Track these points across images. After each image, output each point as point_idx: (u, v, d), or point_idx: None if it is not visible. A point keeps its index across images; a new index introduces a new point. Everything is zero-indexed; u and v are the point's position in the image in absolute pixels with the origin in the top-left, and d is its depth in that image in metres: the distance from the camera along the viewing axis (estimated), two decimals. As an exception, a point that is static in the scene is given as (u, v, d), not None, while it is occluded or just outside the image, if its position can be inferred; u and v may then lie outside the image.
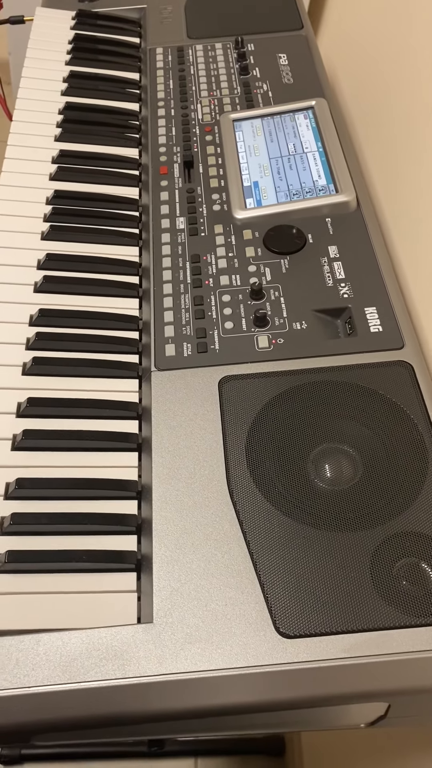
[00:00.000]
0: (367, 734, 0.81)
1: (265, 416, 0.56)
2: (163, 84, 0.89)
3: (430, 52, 0.71)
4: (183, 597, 0.47)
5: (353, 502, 0.51)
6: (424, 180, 0.70)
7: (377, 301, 0.63)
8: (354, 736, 0.87)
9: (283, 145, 0.78)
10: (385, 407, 0.56)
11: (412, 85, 0.75)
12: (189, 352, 0.61)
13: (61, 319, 0.64)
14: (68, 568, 0.49)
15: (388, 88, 0.82)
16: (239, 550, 0.49)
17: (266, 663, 0.44)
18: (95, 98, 0.87)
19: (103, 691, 0.44)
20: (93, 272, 0.68)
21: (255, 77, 0.87)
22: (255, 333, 0.62)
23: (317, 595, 0.46)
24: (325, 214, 0.70)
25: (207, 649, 0.44)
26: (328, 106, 0.80)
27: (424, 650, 0.44)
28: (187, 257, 0.68)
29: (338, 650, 0.44)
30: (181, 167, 0.78)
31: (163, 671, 0.44)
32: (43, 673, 0.44)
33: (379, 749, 0.78)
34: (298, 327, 0.62)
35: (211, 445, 0.54)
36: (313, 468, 0.53)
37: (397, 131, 0.78)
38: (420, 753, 0.69)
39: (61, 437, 0.56)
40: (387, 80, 0.82)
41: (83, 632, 0.45)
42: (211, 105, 0.85)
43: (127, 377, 0.61)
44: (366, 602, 0.46)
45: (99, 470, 0.55)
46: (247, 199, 0.72)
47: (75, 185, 0.77)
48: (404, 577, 0.47)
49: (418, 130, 0.72)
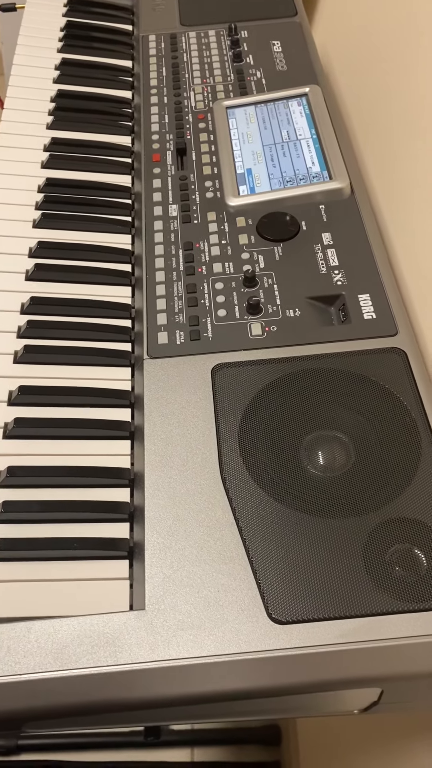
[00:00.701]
0: (362, 724, 0.82)
1: (258, 404, 0.56)
2: (156, 71, 0.88)
3: (427, 39, 0.70)
4: (175, 584, 0.47)
5: (346, 489, 0.51)
6: (419, 167, 0.70)
7: (371, 288, 0.62)
8: (349, 725, 0.87)
9: (276, 132, 0.77)
10: (378, 394, 0.55)
11: (407, 73, 0.74)
12: (182, 340, 0.60)
13: (52, 307, 0.63)
14: (60, 555, 0.49)
15: (383, 76, 0.81)
16: (232, 537, 0.49)
17: (259, 649, 0.44)
18: (87, 86, 0.87)
19: (95, 677, 0.44)
20: (85, 260, 0.68)
21: (248, 64, 0.87)
22: (248, 320, 0.61)
23: (310, 582, 0.46)
24: (319, 201, 0.70)
25: (199, 636, 0.44)
26: (322, 93, 0.80)
27: (417, 635, 0.44)
28: (179, 245, 0.68)
29: (331, 636, 0.44)
30: (174, 155, 0.77)
31: (155, 658, 0.44)
32: (34, 660, 0.44)
33: (373, 740, 0.79)
34: (291, 314, 0.61)
35: (204, 433, 0.54)
36: (305, 455, 0.53)
37: (392, 119, 0.77)
38: (412, 740, 0.69)
39: (52, 425, 0.56)
40: (382, 67, 0.82)
41: (75, 619, 0.45)
42: (204, 92, 0.84)
43: (119, 365, 0.60)
44: (359, 588, 0.46)
45: (91, 458, 0.55)
46: (241, 186, 0.72)
47: (67, 173, 0.76)
48: (397, 562, 0.47)
49: (413, 117, 0.72)
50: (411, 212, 0.71)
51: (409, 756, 0.70)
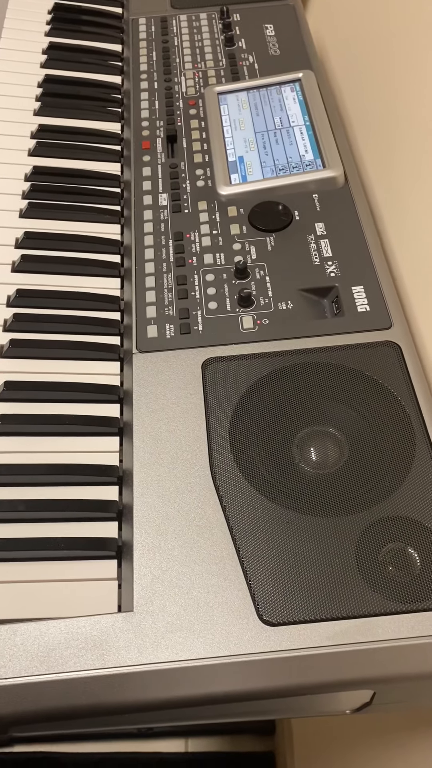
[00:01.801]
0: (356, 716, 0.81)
1: (250, 399, 0.54)
2: (146, 56, 0.86)
3: (422, 24, 0.68)
4: (164, 584, 0.46)
5: (339, 487, 0.50)
6: (415, 156, 0.68)
7: (365, 280, 0.61)
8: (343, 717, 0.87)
9: (269, 118, 0.75)
10: (372, 389, 0.54)
11: (403, 58, 0.72)
12: (171, 334, 0.59)
13: (39, 300, 0.62)
14: (46, 556, 0.48)
15: (378, 61, 0.79)
16: (222, 537, 0.48)
17: (249, 651, 0.43)
18: (76, 71, 0.84)
19: (83, 681, 0.43)
20: (73, 251, 0.66)
21: (240, 49, 0.85)
22: (239, 313, 0.60)
23: (301, 582, 0.45)
24: (312, 190, 0.68)
25: (188, 638, 0.43)
26: (316, 79, 0.78)
27: (411, 637, 0.43)
28: (170, 235, 0.66)
29: (322, 638, 0.43)
30: (164, 142, 0.75)
31: (143, 661, 0.43)
32: (20, 663, 0.43)
33: (368, 728, 0.79)
34: (283, 307, 0.60)
35: (194, 429, 0.53)
36: (298, 452, 0.52)
37: (388, 106, 0.75)
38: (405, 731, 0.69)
39: (39, 422, 0.55)
40: (378, 52, 0.80)
41: (62, 621, 0.44)
42: (195, 77, 0.82)
43: (108, 360, 0.59)
44: (351, 588, 0.45)
45: (79, 455, 0.53)
46: (232, 174, 0.70)
47: (54, 161, 0.74)
48: (390, 562, 0.46)
49: (409, 104, 0.70)
50: (406, 202, 0.70)
51: (402, 749, 0.70)
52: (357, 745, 0.82)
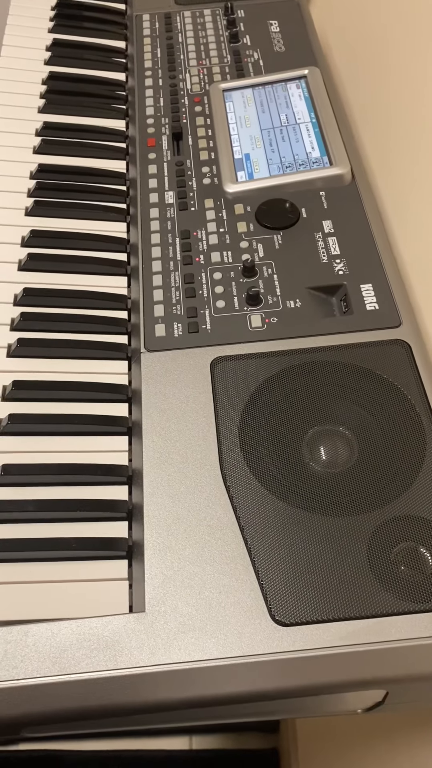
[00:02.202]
0: (361, 712, 0.81)
1: (259, 398, 0.54)
2: (151, 53, 0.85)
3: (426, 20, 0.68)
4: (176, 585, 0.46)
5: (349, 486, 0.49)
6: (420, 152, 0.68)
7: (373, 278, 0.61)
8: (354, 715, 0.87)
9: (275, 115, 0.75)
10: (381, 388, 0.54)
11: (408, 55, 0.72)
12: (179, 333, 0.59)
13: (46, 299, 0.62)
14: (57, 556, 0.48)
15: (383, 57, 0.79)
16: (233, 536, 0.47)
17: (262, 652, 0.43)
18: (80, 68, 0.84)
19: (95, 682, 0.42)
20: (79, 249, 0.66)
21: (245, 45, 0.84)
22: (248, 312, 0.60)
23: (313, 582, 0.45)
24: (319, 188, 0.68)
25: (201, 639, 0.43)
26: (322, 76, 0.78)
27: (423, 636, 0.43)
28: (176, 233, 0.66)
29: (335, 638, 0.43)
30: (170, 139, 0.75)
31: (155, 662, 0.43)
32: (32, 664, 0.43)
33: (373, 725, 0.79)
34: (292, 305, 0.60)
35: (203, 428, 0.53)
36: (308, 451, 0.51)
37: (393, 102, 0.75)
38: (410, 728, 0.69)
39: (48, 421, 0.54)
40: (382, 49, 0.80)
41: (73, 622, 0.44)
42: (200, 74, 0.82)
43: (115, 359, 0.59)
44: (363, 588, 0.45)
45: (88, 455, 0.53)
46: (239, 172, 0.70)
47: (60, 158, 0.74)
48: (402, 562, 0.46)
49: (413, 100, 0.70)
50: (413, 199, 0.70)
51: (407, 747, 0.70)
52: (361, 743, 0.82)
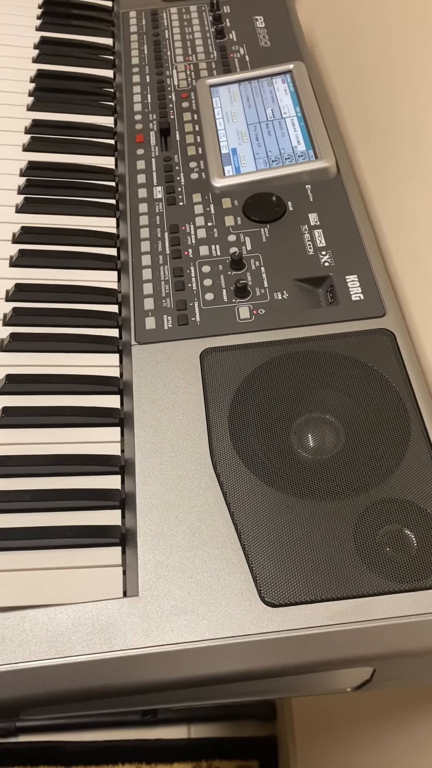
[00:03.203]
0: (356, 697, 0.83)
1: (248, 388, 0.55)
2: (138, 49, 0.86)
3: (412, 12, 0.69)
4: (168, 570, 0.47)
5: (336, 471, 0.51)
6: (406, 145, 0.69)
7: (358, 269, 0.62)
8: (344, 699, 0.88)
9: (261, 110, 0.76)
10: (367, 376, 0.55)
11: (394, 48, 0.73)
12: (169, 325, 0.60)
13: (38, 294, 0.63)
14: (53, 544, 0.49)
15: (369, 52, 0.80)
16: (223, 522, 0.49)
17: (252, 632, 0.44)
18: (68, 65, 0.85)
19: (91, 664, 0.44)
20: (70, 245, 0.67)
21: (231, 41, 0.85)
22: (236, 304, 0.61)
23: (302, 564, 0.46)
24: (305, 181, 0.69)
25: (193, 621, 0.45)
26: (307, 70, 0.79)
27: (408, 615, 0.44)
28: (165, 227, 0.67)
29: (323, 618, 0.44)
30: (158, 135, 0.76)
31: (149, 643, 0.44)
32: (29, 648, 0.44)
33: (368, 712, 0.80)
34: (279, 297, 0.61)
35: (194, 418, 0.54)
36: (296, 438, 0.53)
37: (379, 96, 0.76)
38: (406, 711, 0.70)
39: (41, 414, 0.56)
40: (368, 43, 0.81)
41: (69, 607, 0.45)
42: (187, 70, 0.83)
43: (107, 352, 0.60)
44: (350, 569, 0.46)
45: (81, 446, 0.54)
46: (226, 166, 0.71)
47: (49, 156, 0.75)
48: (388, 543, 0.47)
49: (400, 94, 0.71)
50: (398, 191, 0.71)
51: (402, 727, 0.72)
52: (357, 728, 0.84)
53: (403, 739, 0.72)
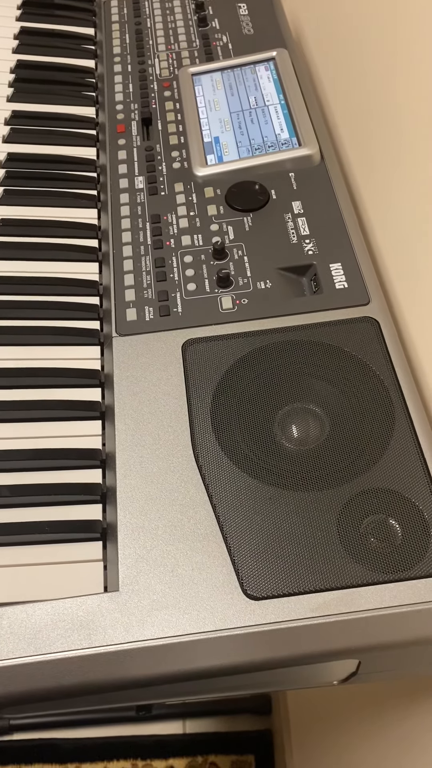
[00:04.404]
0: (351, 690, 0.82)
1: (230, 379, 0.55)
2: (119, 38, 0.85)
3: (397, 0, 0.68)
4: (149, 564, 0.46)
5: (320, 461, 0.50)
6: (392, 132, 0.68)
7: (342, 257, 0.61)
8: (338, 692, 0.88)
9: (244, 98, 0.75)
10: (351, 365, 0.55)
11: (378, 35, 0.72)
12: (151, 316, 0.59)
13: (17, 287, 0.62)
14: (31, 540, 0.48)
15: (354, 38, 0.79)
16: (205, 515, 0.48)
17: (234, 626, 0.43)
18: (49, 55, 0.84)
19: (70, 661, 0.43)
20: (50, 237, 0.66)
21: (214, 29, 0.84)
22: (218, 294, 0.60)
23: (285, 556, 0.46)
24: (289, 169, 0.68)
25: (174, 615, 0.44)
26: (290, 58, 0.78)
27: (392, 606, 0.44)
28: (147, 218, 0.66)
29: (306, 610, 0.44)
30: (139, 125, 0.75)
31: (130, 639, 0.43)
32: (8, 646, 0.43)
33: (361, 703, 0.80)
34: (262, 286, 0.60)
35: (176, 410, 0.53)
36: (279, 429, 0.52)
37: (364, 83, 0.75)
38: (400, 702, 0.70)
39: (21, 408, 0.55)
40: (354, 31, 0.80)
41: (48, 603, 0.45)
42: (169, 59, 0.82)
43: (88, 344, 0.59)
44: (334, 561, 0.45)
45: (61, 440, 0.54)
46: (208, 155, 0.70)
47: (29, 147, 0.74)
48: (372, 533, 0.46)
49: (384, 81, 0.70)
50: (384, 178, 0.70)
51: (397, 718, 0.71)
52: (352, 721, 0.84)
53: (395, 730, 0.71)
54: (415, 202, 0.61)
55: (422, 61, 0.62)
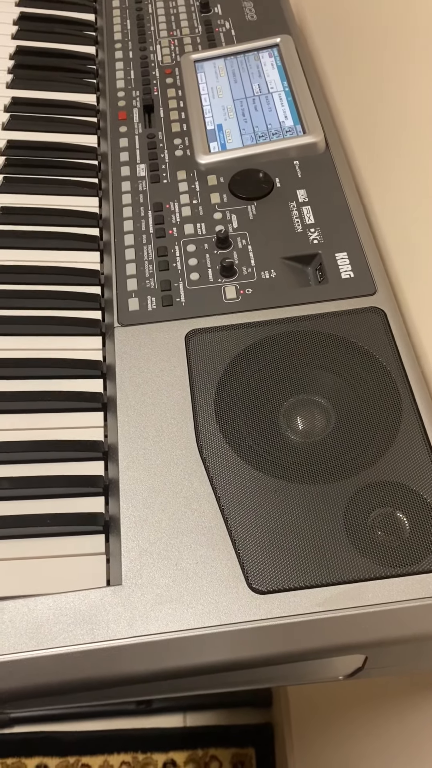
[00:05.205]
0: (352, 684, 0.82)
1: (234, 370, 0.54)
2: (120, 24, 0.84)
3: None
4: (152, 557, 0.45)
5: (326, 454, 0.49)
6: (397, 119, 0.67)
7: (348, 246, 0.60)
8: (339, 686, 0.87)
9: (247, 85, 0.74)
10: (357, 356, 0.54)
11: (384, 23, 0.71)
12: (153, 306, 0.58)
13: (18, 276, 0.61)
14: (33, 533, 0.47)
15: (359, 26, 0.78)
16: (209, 507, 0.47)
17: (239, 621, 0.43)
18: (49, 41, 0.82)
19: (73, 656, 0.42)
20: (51, 225, 0.65)
21: (216, 15, 0.83)
22: (222, 284, 0.59)
23: (290, 550, 0.45)
24: (293, 157, 0.67)
25: (178, 609, 0.43)
26: (294, 44, 0.76)
27: (401, 600, 0.43)
28: (149, 206, 0.65)
29: (313, 604, 0.43)
30: (141, 112, 0.74)
31: (133, 633, 0.42)
32: (9, 641, 0.42)
33: (363, 696, 0.79)
34: (266, 276, 0.59)
35: (179, 402, 0.52)
36: (284, 420, 0.51)
37: (369, 70, 0.74)
38: (400, 697, 0.69)
39: (22, 399, 0.54)
40: (358, 18, 0.78)
41: (50, 597, 0.44)
42: (171, 46, 0.80)
43: (89, 334, 0.58)
44: (340, 554, 0.44)
45: (63, 431, 0.53)
46: (211, 143, 0.69)
47: (29, 134, 0.73)
48: (379, 527, 0.45)
49: (388, 68, 0.69)
50: (388, 166, 0.69)
51: (397, 714, 0.71)
52: (353, 715, 0.83)
53: (396, 722, 0.71)
54: (419, 189, 0.60)
55: (428, 48, 0.60)
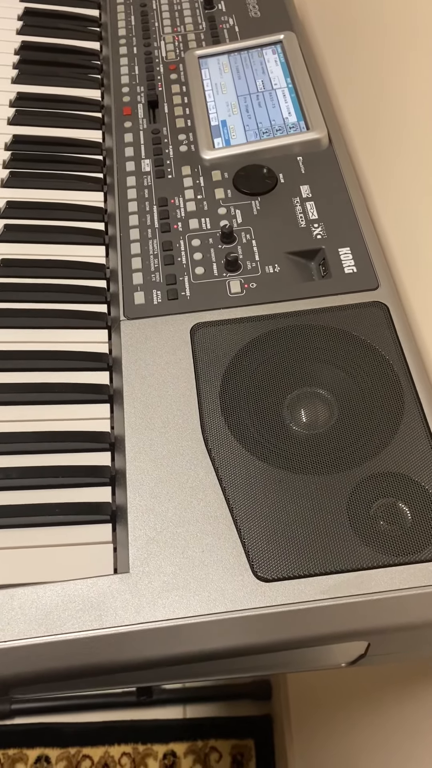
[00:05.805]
0: (351, 676, 0.83)
1: (239, 363, 0.54)
2: (125, 20, 0.84)
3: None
4: (159, 546, 0.46)
5: (329, 445, 0.50)
6: (399, 116, 0.68)
7: (351, 241, 0.61)
8: (339, 677, 0.88)
9: (251, 81, 0.75)
10: (360, 349, 0.54)
11: (386, 19, 0.72)
12: (159, 300, 0.59)
13: (24, 269, 0.61)
14: (42, 521, 0.48)
15: (361, 22, 0.78)
16: (215, 497, 0.48)
17: (245, 607, 0.43)
18: (53, 37, 0.83)
19: (81, 642, 0.43)
20: (56, 219, 0.65)
21: (220, 11, 0.83)
22: (227, 278, 0.60)
23: (295, 539, 0.46)
24: (297, 153, 0.68)
25: (185, 596, 0.44)
26: (298, 41, 0.77)
27: (402, 588, 0.44)
28: (154, 201, 0.66)
29: (317, 592, 0.44)
30: (146, 107, 0.74)
31: (140, 620, 0.43)
32: (19, 627, 0.43)
33: (362, 691, 0.80)
34: (270, 270, 0.60)
35: (185, 394, 0.53)
36: (288, 412, 0.52)
37: (371, 67, 0.75)
38: (400, 689, 0.70)
39: (30, 390, 0.54)
40: (361, 14, 0.79)
41: (58, 585, 0.45)
42: (175, 42, 0.81)
43: (95, 327, 0.59)
44: (344, 543, 0.45)
45: (70, 423, 0.53)
46: (215, 138, 0.69)
47: (35, 129, 0.73)
48: (382, 517, 0.46)
49: (390, 64, 0.70)
50: (390, 163, 0.69)
51: (397, 702, 0.72)
52: (352, 706, 0.84)
53: (396, 714, 0.72)
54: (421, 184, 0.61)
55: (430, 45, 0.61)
